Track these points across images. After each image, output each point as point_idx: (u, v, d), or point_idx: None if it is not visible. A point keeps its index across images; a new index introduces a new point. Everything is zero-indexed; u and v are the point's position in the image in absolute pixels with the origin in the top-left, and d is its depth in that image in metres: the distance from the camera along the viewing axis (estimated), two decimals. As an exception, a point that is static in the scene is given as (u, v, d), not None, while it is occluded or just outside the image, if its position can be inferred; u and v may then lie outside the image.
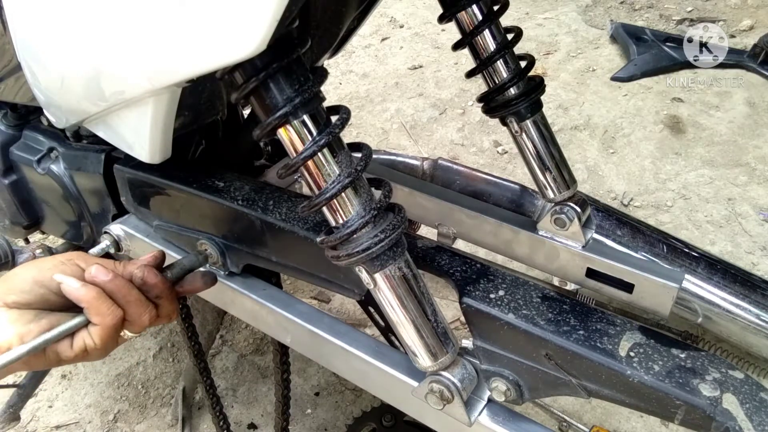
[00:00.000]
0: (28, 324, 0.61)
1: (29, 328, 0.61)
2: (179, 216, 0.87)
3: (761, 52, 2.52)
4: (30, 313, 0.62)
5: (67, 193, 1.01)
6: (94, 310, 0.63)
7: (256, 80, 0.54)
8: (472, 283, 0.70)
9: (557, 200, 0.86)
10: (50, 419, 1.59)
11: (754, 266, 1.78)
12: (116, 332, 0.65)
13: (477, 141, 2.43)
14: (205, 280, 0.75)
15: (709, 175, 2.13)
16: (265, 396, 1.61)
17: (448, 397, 0.65)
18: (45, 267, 0.65)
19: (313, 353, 0.80)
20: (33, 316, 0.62)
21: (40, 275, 0.63)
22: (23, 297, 0.62)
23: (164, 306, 0.69)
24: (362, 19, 0.97)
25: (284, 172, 0.59)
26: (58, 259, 0.66)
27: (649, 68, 2.62)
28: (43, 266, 0.65)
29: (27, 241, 1.31)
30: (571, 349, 0.62)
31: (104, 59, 0.63)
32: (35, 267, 0.65)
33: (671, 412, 0.58)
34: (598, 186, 2.15)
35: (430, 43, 3.11)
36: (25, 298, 0.62)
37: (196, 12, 0.51)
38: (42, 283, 0.63)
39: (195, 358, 1.09)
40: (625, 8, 3.20)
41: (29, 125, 1.08)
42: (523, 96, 0.82)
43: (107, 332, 0.63)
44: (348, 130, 2.06)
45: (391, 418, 1.00)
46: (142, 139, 0.73)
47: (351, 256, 0.58)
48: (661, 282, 0.79)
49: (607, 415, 1.47)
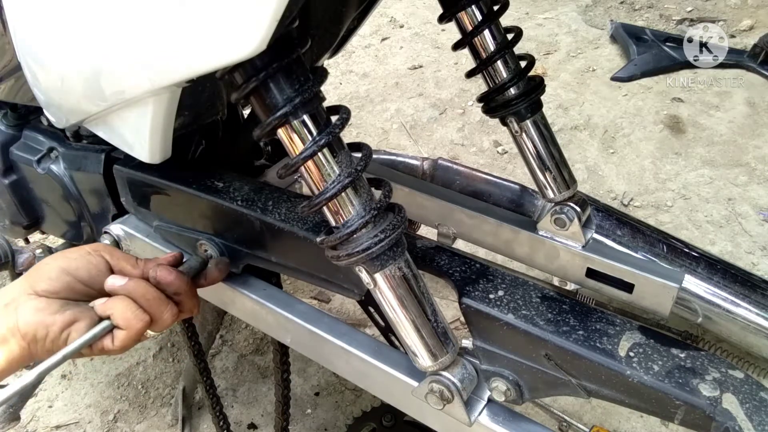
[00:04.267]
0: (54, 315, 0.63)
1: (54, 318, 0.63)
2: (179, 216, 0.87)
3: (761, 52, 2.52)
4: (57, 303, 0.64)
5: (67, 193, 1.01)
6: (120, 317, 0.64)
7: (256, 80, 0.54)
8: (471, 283, 0.70)
9: (557, 200, 0.86)
10: (50, 419, 1.59)
11: (754, 266, 1.78)
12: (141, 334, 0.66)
13: (477, 141, 2.43)
14: (219, 268, 0.79)
15: (709, 175, 2.13)
16: (265, 396, 1.61)
17: (448, 397, 0.65)
18: (72, 257, 0.68)
19: (313, 353, 0.80)
20: (59, 306, 0.64)
21: (67, 264, 0.66)
22: (51, 284, 0.64)
23: (185, 302, 0.71)
24: (362, 19, 0.97)
25: (284, 172, 0.59)
26: (85, 249, 0.69)
27: (649, 68, 2.62)
28: (71, 256, 0.68)
29: (27, 241, 1.31)
30: (570, 349, 0.62)
31: (104, 59, 0.63)
32: (63, 256, 0.68)
33: (671, 412, 0.58)
34: (598, 186, 2.15)
35: (430, 43, 3.11)
36: (53, 285, 0.64)
37: (196, 12, 0.51)
38: (68, 271, 0.66)
39: (195, 358, 1.09)
40: (625, 8, 3.20)
41: (29, 125, 1.08)
42: (523, 96, 0.82)
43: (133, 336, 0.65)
44: (348, 130, 2.06)
45: (391, 418, 1.00)
46: (142, 139, 0.73)
47: (351, 256, 0.58)
48: (661, 282, 0.79)
49: (607, 415, 1.47)
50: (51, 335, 0.62)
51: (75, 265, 0.66)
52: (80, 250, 0.69)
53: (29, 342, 0.62)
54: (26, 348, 0.62)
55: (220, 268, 0.79)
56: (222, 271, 0.79)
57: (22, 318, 0.62)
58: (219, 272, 0.79)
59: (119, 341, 0.65)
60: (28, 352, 0.62)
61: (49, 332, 0.62)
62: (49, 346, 0.63)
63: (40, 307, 0.62)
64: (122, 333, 0.64)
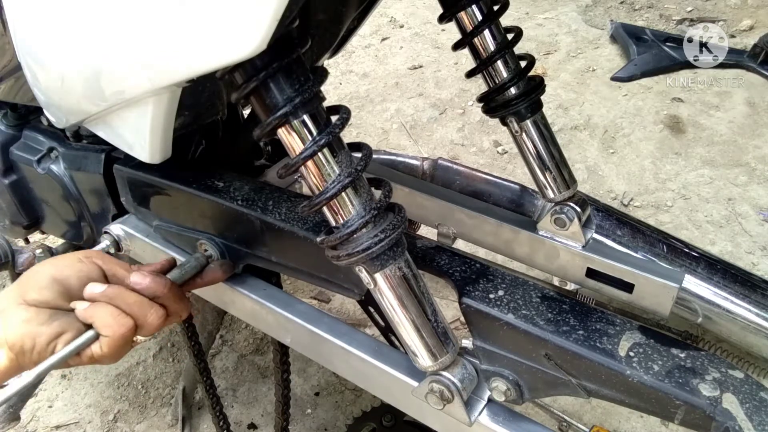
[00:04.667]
0: (41, 326, 0.62)
1: (41, 329, 0.62)
2: (179, 216, 0.87)
3: (761, 52, 2.52)
4: (45, 313, 0.63)
5: (67, 193, 1.01)
6: (101, 323, 0.63)
7: (256, 80, 0.54)
8: (471, 283, 0.70)
9: (557, 200, 0.86)
10: (50, 419, 1.59)
11: (754, 266, 1.78)
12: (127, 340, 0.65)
13: (477, 141, 2.43)
14: (224, 269, 0.79)
15: (709, 175, 2.13)
16: (265, 396, 1.61)
17: (448, 397, 0.65)
18: (62, 264, 0.66)
19: (313, 353, 0.80)
20: (47, 317, 0.63)
21: (58, 272, 0.65)
22: (41, 294, 0.63)
23: (170, 305, 0.70)
24: (362, 19, 0.97)
25: (284, 172, 0.59)
26: (77, 257, 0.68)
27: (649, 68, 2.62)
28: (61, 264, 0.66)
29: (27, 241, 1.31)
30: (570, 349, 0.62)
31: (104, 59, 0.63)
32: (53, 265, 0.66)
33: (671, 411, 0.58)
34: (598, 186, 2.15)
35: (430, 43, 3.11)
36: (44, 294, 0.63)
37: (196, 12, 0.51)
38: (59, 280, 0.64)
39: (195, 358, 1.09)
40: (625, 8, 3.20)
41: (29, 125, 1.08)
42: (523, 96, 0.82)
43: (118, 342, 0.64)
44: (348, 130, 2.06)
45: (391, 418, 1.00)
46: (142, 139, 0.73)
47: (351, 256, 0.58)
48: (661, 282, 0.79)
49: (607, 415, 1.47)
50: (38, 347, 0.61)
51: (66, 273, 0.65)
52: (71, 257, 0.68)
53: (17, 353, 0.61)
54: (14, 359, 0.61)
55: (224, 269, 0.79)
56: (226, 273, 0.80)
57: (10, 329, 0.61)
58: (222, 273, 0.79)
59: (106, 347, 0.64)
60: (17, 363, 0.61)
61: (36, 344, 0.61)
62: (35, 357, 0.62)
63: (27, 318, 0.61)
64: (107, 340, 0.63)
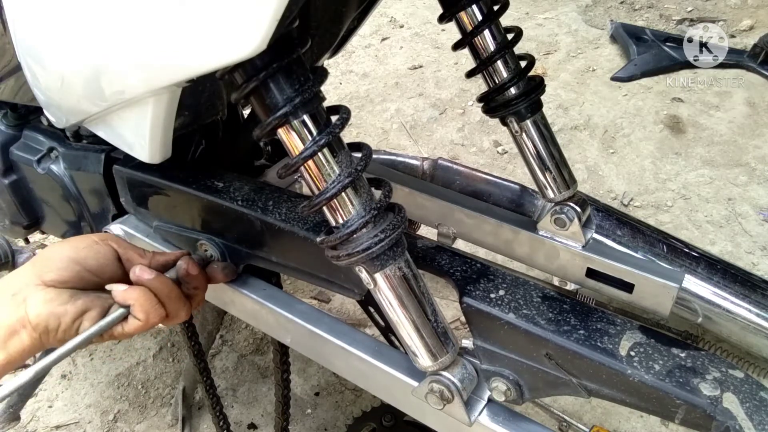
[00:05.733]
0: (65, 304, 0.63)
1: (65, 308, 0.62)
2: (179, 216, 0.87)
3: (761, 52, 2.52)
4: (66, 293, 0.63)
5: (67, 193, 1.01)
6: (140, 308, 0.64)
7: (256, 80, 0.54)
8: (472, 283, 0.70)
9: (557, 200, 0.86)
10: (50, 419, 1.59)
11: (754, 266, 1.78)
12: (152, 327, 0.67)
13: (477, 141, 2.43)
14: (226, 272, 0.79)
15: (709, 175, 2.13)
16: (265, 396, 1.61)
17: (448, 397, 0.65)
18: (80, 246, 0.67)
19: (313, 353, 0.80)
20: (69, 296, 0.63)
21: (75, 253, 0.66)
22: (60, 274, 0.64)
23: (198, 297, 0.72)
24: (362, 19, 0.97)
25: (284, 172, 0.59)
26: (92, 239, 0.69)
27: (649, 68, 2.62)
28: (79, 245, 0.67)
29: (27, 241, 1.32)
30: (571, 349, 0.62)
31: (104, 59, 0.63)
32: (70, 246, 0.67)
33: (671, 411, 0.58)
34: (598, 186, 2.15)
35: (430, 43, 3.11)
36: (62, 275, 0.64)
37: (196, 12, 0.51)
38: (77, 261, 0.65)
39: (195, 358, 1.09)
40: (625, 8, 3.20)
41: (29, 125, 1.08)
42: (523, 96, 0.82)
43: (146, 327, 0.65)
44: (348, 130, 2.06)
45: (391, 418, 1.00)
46: (142, 139, 0.73)
47: (351, 256, 0.58)
48: (661, 282, 0.79)
49: (607, 415, 1.47)
50: (63, 325, 0.62)
51: (84, 255, 0.66)
52: (87, 239, 0.68)
53: (41, 333, 0.62)
54: (37, 339, 0.62)
55: (226, 273, 0.79)
56: (227, 276, 0.80)
57: (33, 309, 0.61)
58: (224, 276, 0.79)
59: (131, 329, 0.65)
60: (39, 343, 0.62)
61: (62, 323, 0.62)
62: (60, 336, 0.63)
63: (49, 298, 0.62)
64: (136, 323, 0.65)
